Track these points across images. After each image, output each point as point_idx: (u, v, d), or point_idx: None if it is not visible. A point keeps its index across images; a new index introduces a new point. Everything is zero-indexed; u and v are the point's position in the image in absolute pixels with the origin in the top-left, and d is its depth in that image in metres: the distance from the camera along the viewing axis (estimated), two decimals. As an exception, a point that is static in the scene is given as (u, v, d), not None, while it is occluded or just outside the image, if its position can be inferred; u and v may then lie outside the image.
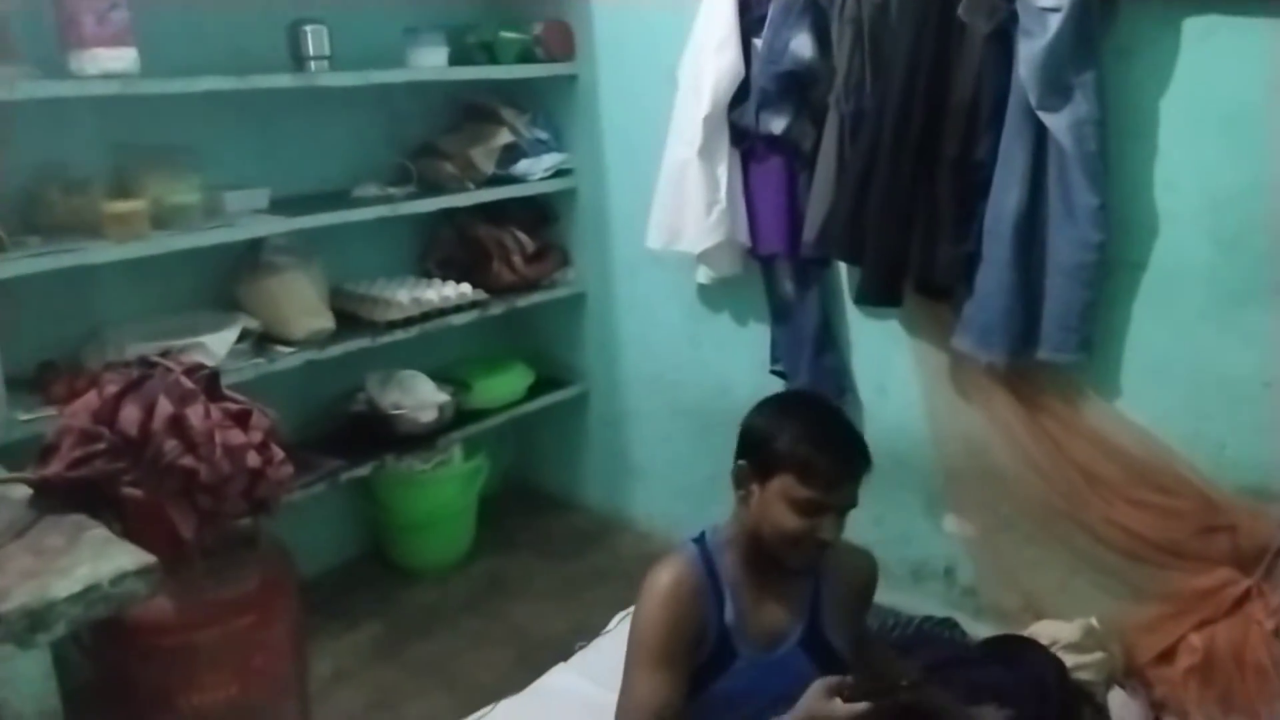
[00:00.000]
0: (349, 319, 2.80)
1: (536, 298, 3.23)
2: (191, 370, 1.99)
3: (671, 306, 3.17)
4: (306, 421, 2.93)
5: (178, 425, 1.86)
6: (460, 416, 3.09)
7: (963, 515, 2.76)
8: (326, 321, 2.68)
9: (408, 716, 2.49)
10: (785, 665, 1.63)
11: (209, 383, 2.00)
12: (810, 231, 2.62)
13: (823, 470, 1.55)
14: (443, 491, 3.08)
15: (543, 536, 3.42)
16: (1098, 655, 2.38)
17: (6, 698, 1.64)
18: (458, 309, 2.95)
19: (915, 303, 2.62)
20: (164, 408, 1.87)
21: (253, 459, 1.92)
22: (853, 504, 1.60)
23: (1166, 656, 2.44)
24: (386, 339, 2.78)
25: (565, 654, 2.66)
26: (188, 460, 1.85)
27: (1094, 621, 2.44)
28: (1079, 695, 2.21)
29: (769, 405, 1.70)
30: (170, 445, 1.84)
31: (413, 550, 3.15)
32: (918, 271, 2.48)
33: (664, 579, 1.62)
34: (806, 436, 1.58)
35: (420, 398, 2.90)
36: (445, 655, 2.76)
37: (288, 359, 2.56)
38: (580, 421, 3.53)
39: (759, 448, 1.63)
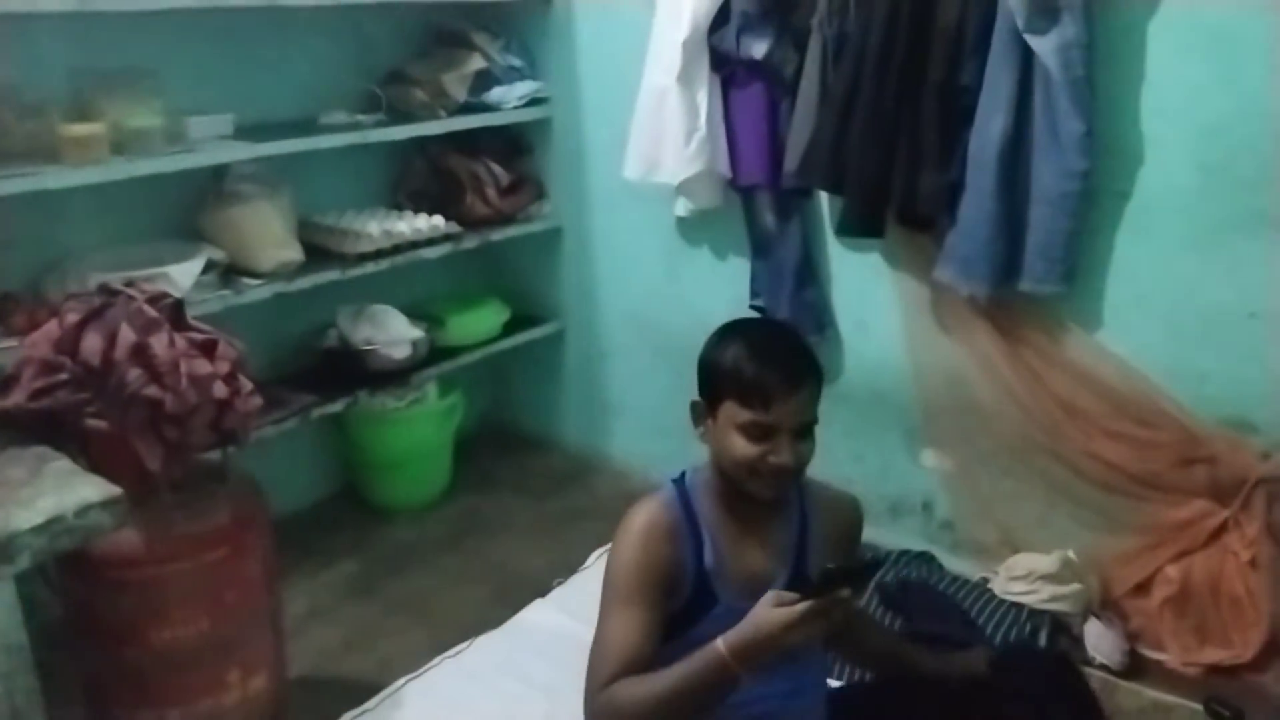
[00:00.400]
0: (318, 251, 2.73)
1: (511, 231, 3.16)
2: (155, 299, 1.93)
3: (650, 241, 3.12)
4: (277, 358, 2.87)
5: (141, 354, 1.81)
6: (434, 353, 3.03)
7: (941, 450, 2.75)
8: (295, 253, 2.61)
9: (384, 652, 2.46)
10: None
11: (173, 312, 1.94)
12: (791, 160, 2.57)
13: (758, 388, 1.48)
14: (418, 429, 3.04)
15: (520, 476, 3.39)
16: (1074, 587, 2.39)
17: (-31, 630, 1.60)
18: (430, 242, 2.89)
19: (897, 234, 2.58)
20: (126, 336, 1.81)
21: (219, 389, 1.87)
22: (802, 422, 1.51)
23: (1143, 588, 2.46)
24: (357, 271, 2.71)
25: (543, 591, 2.65)
26: (152, 390, 1.79)
27: (1071, 554, 2.45)
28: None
29: (714, 334, 1.62)
30: (134, 375, 1.79)
31: (388, 489, 3.11)
32: (900, 201, 2.43)
33: (638, 520, 1.56)
34: (740, 356, 1.52)
35: (393, 333, 2.85)
36: (422, 592, 2.73)
37: (255, 291, 2.49)
38: (557, 360, 3.49)
39: (704, 378, 1.58)
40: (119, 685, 1.92)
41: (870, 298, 2.74)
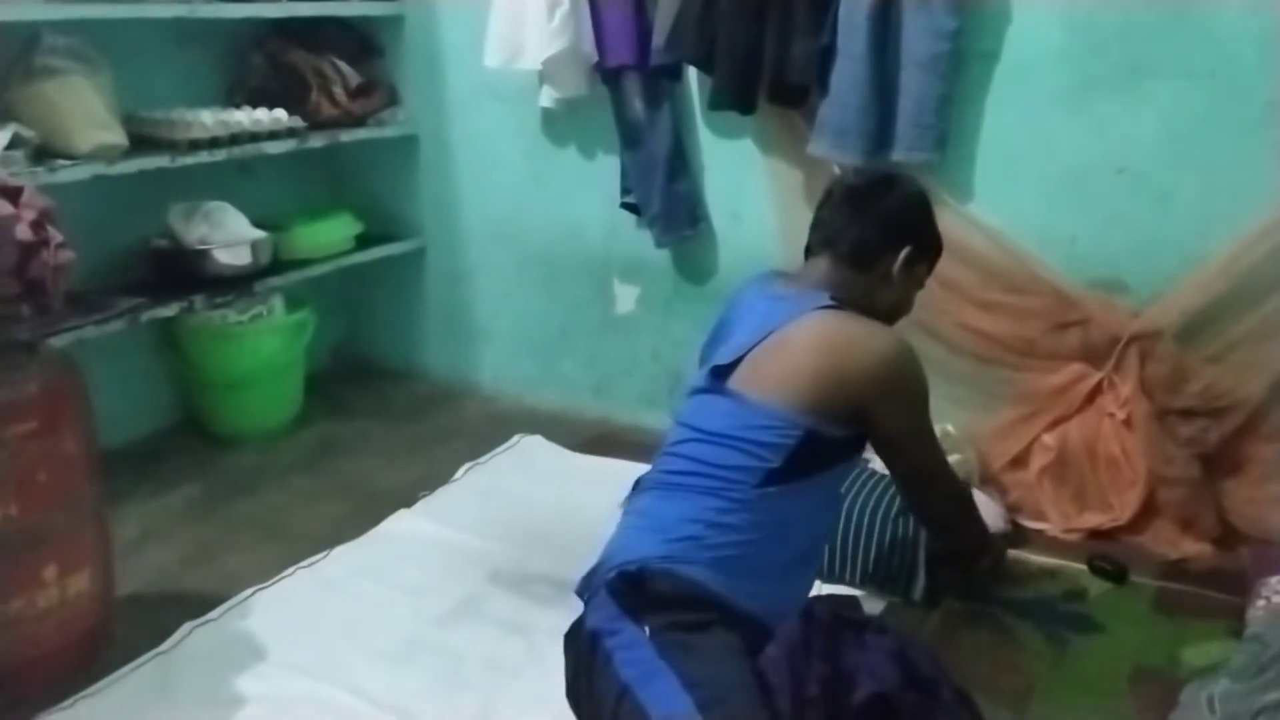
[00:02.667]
0: (146, 143, 2.47)
1: (362, 134, 2.96)
2: (-56, 140, 1.68)
3: (513, 144, 2.96)
4: (101, 262, 2.58)
5: (-76, 186, 1.56)
6: (280, 265, 2.80)
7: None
8: (117, 137, 2.35)
9: (230, 568, 2.22)
10: None
11: (-33, 155, 1.69)
12: (659, 35, 2.47)
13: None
14: (262, 346, 2.79)
15: (380, 404, 3.18)
16: (954, 458, 2.34)
17: None
18: (273, 135, 2.66)
19: (769, 115, 2.51)
20: (-94, 165, 1.56)
21: (23, 232, 1.63)
22: None
23: (1019, 461, 2.44)
24: (189, 159, 2.46)
25: (408, 504, 2.47)
26: (-61, 225, 1.55)
27: (949, 428, 2.41)
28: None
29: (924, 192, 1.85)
30: (-85, 208, 1.54)
31: (231, 414, 2.85)
32: (772, 70, 2.36)
33: (905, 344, 1.64)
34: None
35: (231, 232, 2.60)
36: (272, 512, 2.50)
37: (71, 170, 2.23)
38: (417, 282, 3.29)
39: (925, 232, 1.80)
40: (-88, 583, 1.66)
41: (743, 187, 2.66)
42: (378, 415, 3.08)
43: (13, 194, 1.69)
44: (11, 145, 2.15)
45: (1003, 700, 1.76)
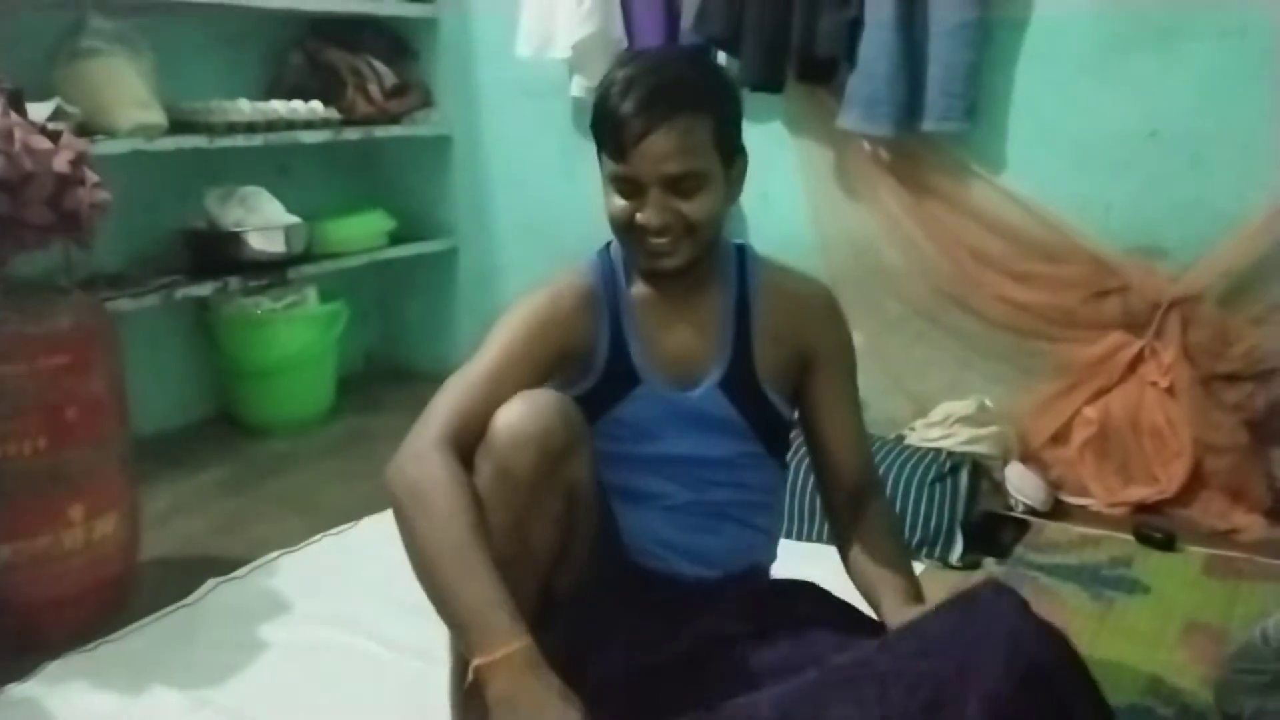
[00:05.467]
0: (184, 127, 2.52)
1: (396, 131, 3.00)
2: (-12, 82, 1.72)
3: (545, 140, 2.99)
4: (140, 245, 2.63)
5: (-34, 115, 1.60)
6: (314, 256, 2.83)
7: (850, 323, 2.65)
8: (157, 117, 2.40)
9: (257, 535, 2.21)
10: (702, 408, 1.34)
11: (11, 97, 1.73)
12: (687, 16, 2.50)
13: (612, 131, 1.21)
14: (295, 335, 2.80)
15: (412, 399, 3.02)
16: (993, 429, 2.30)
17: None
18: (308, 125, 2.71)
19: (797, 93, 2.52)
20: (-50, 96, 1.60)
21: (60, 164, 1.66)
22: (667, 172, 1.21)
23: (1061, 436, 2.39)
24: (226, 142, 2.51)
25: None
26: (-21, 152, 1.58)
27: (987, 401, 2.36)
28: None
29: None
30: (-43, 135, 1.57)
31: (263, 403, 2.85)
32: (800, 45, 2.38)
33: (550, 283, 1.37)
34: (604, 92, 1.24)
35: (266, 216, 2.64)
36: (301, 489, 2.48)
37: (111, 144, 2.27)
38: (449, 283, 3.30)
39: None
40: (-60, 516, 1.66)
41: (772, 168, 2.65)
42: (409, 409, 2.97)
43: (53, 135, 1.73)
44: (54, 118, 2.20)
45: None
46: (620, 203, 1.24)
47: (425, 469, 1.18)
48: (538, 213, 3.08)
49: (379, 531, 2.21)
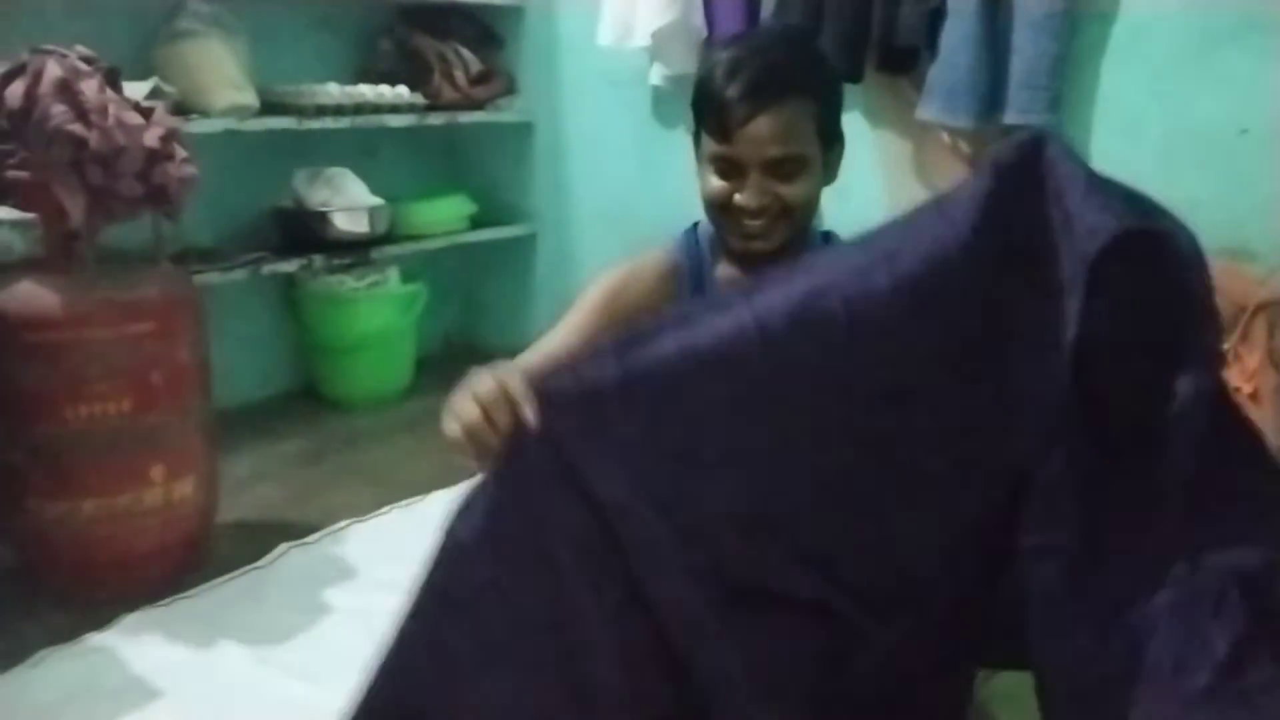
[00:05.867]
0: (275, 109, 2.61)
1: (480, 117, 3.06)
2: (89, 60, 1.81)
3: (624, 128, 3.02)
4: (230, 224, 2.74)
5: (67, 91, 1.69)
6: (397, 239, 2.91)
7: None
8: (249, 98, 2.49)
9: (331, 505, 2.28)
10: None
11: (108, 75, 1.82)
12: (768, 5, 2.49)
13: (717, 112, 1.23)
14: (376, 313, 2.89)
15: None
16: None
17: None
18: (395, 109, 2.78)
19: (877, 83, 2.49)
20: (52, 72, 1.69)
21: (151, 139, 1.74)
22: (770, 156, 1.23)
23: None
24: (315, 124, 2.59)
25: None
26: (76, 127, 1.67)
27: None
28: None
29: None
30: (58, 110, 1.67)
31: (344, 379, 2.94)
32: (880, 35, 2.35)
33: (637, 258, 1.39)
34: (710, 72, 1.24)
35: (351, 197, 2.72)
36: (375, 462, 2.57)
37: (205, 123, 2.37)
38: (528, 268, 3.36)
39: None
40: (33, 471, 1.75)
41: (851, 160, 2.53)
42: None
43: (145, 112, 1.81)
44: (152, 96, 2.30)
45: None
46: (718, 183, 1.27)
47: None
48: (615, 199, 3.10)
49: (446, 506, 2.28)
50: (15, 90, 1.70)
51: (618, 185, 3.09)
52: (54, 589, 1.83)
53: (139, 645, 1.70)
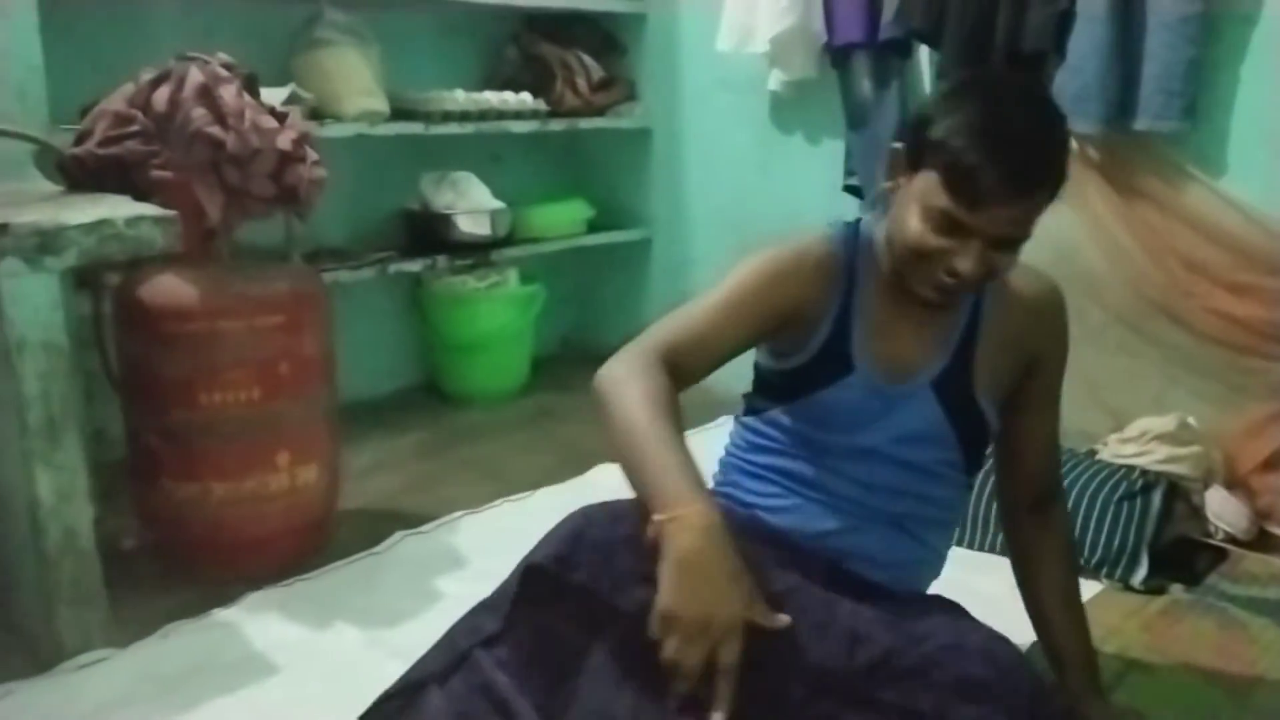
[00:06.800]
0: (404, 115, 2.71)
1: (600, 123, 3.12)
2: (229, 66, 1.92)
3: (742, 133, 3.03)
4: (360, 225, 2.87)
5: (207, 95, 1.80)
6: (517, 242, 3.00)
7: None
8: (380, 104, 2.60)
9: (446, 495, 2.36)
10: (910, 407, 1.30)
11: (247, 80, 1.92)
12: (889, 9, 2.46)
13: (971, 180, 1.14)
14: (496, 313, 2.97)
15: None
16: (1193, 449, 2.15)
17: (12, 317, 1.57)
18: (518, 115, 2.85)
19: (1001, 88, 2.44)
20: (194, 78, 1.80)
21: (284, 142, 1.83)
22: (1010, 236, 1.18)
23: (1273, 463, 2.21)
24: (440, 129, 2.69)
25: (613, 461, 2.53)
26: (215, 130, 1.77)
27: (1190, 420, 2.22)
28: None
29: (959, 78, 1.32)
30: (198, 113, 1.77)
31: (463, 375, 3.04)
32: (1005, 39, 2.30)
33: (792, 242, 1.32)
34: (969, 128, 1.15)
35: (475, 201, 2.81)
36: (490, 457, 2.64)
37: (338, 127, 2.49)
38: (643, 272, 3.40)
39: (917, 128, 1.23)
40: (167, 453, 1.86)
41: None
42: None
43: (279, 116, 1.91)
44: (289, 102, 2.42)
45: (1222, 686, 1.59)
46: (935, 238, 1.19)
47: (632, 367, 1.24)
48: (731, 205, 3.11)
49: (555, 500, 2.32)
50: (160, 95, 1.82)
51: (733, 190, 3.10)
52: (184, 566, 1.94)
53: (260, 622, 1.79)
